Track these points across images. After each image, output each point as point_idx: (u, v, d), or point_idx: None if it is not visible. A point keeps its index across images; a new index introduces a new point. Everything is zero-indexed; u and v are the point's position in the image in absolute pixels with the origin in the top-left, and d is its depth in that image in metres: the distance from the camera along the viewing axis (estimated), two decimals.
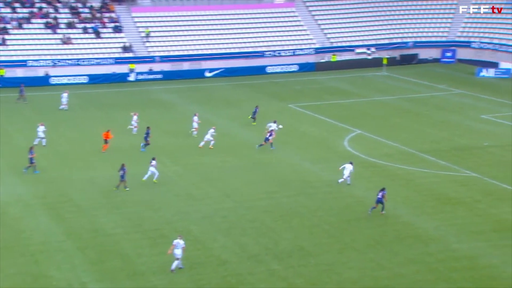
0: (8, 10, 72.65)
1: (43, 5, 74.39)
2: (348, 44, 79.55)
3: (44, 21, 72.09)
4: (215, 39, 76.82)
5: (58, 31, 71.74)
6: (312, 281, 26.20)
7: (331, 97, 61.87)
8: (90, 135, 46.84)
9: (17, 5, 73.37)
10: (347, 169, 36.73)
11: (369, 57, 78.27)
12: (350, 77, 72.21)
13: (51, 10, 73.93)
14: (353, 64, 76.83)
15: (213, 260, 27.81)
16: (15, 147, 43.72)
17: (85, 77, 67.68)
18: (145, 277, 26.42)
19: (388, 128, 49.52)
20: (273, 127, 45.08)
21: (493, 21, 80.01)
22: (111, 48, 72.12)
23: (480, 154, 42.52)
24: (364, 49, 78.93)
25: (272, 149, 43.14)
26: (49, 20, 72.33)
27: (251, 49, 76.66)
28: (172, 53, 73.92)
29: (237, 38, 77.88)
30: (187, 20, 78.47)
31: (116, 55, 71.57)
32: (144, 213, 32.97)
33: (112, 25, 74.55)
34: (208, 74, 72.47)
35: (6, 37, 69.27)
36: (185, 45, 75.36)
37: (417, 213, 32.72)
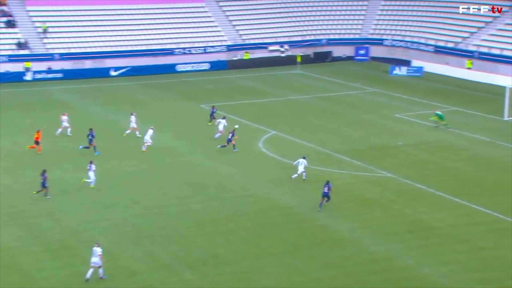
0: None
1: None
2: (261, 41, 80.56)
3: None
4: (120, 35, 75.64)
5: None
6: None
7: (244, 96, 62.41)
8: None
9: None
10: (302, 164, 37.81)
11: (283, 55, 79.59)
12: (264, 75, 73.12)
13: None
14: (266, 62, 77.87)
15: (122, 272, 27.40)
16: None
17: None
18: None
19: (303, 128, 50.56)
20: (222, 122, 46.06)
21: (404, 19, 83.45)
22: (4, 44, 69.42)
23: (394, 154, 44.26)
24: (277, 47, 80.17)
25: (235, 151, 43.43)
26: None
27: (159, 47, 76.07)
28: (73, 50, 72.10)
29: (145, 34, 77.03)
30: (89, 15, 76.75)
31: (10, 52, 69.02)
32: (45, 223, 32.01)
33: (5, 19, 71.75)
34: (113, 73, 71.27)
35: None
36: (87, 41, 73.69)
37: (334, 216, 33.62)
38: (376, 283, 26.91)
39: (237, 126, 46.35)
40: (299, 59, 76.77)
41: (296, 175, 38.27)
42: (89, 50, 72.70)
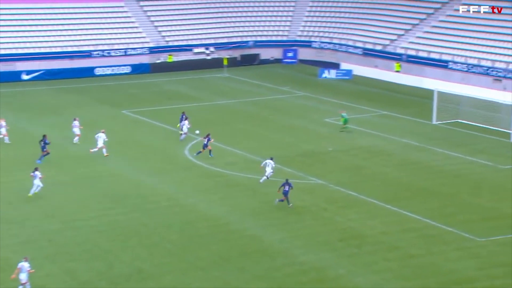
0: None
1: None
2: (185, 43, 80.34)
3: None
4: (32, 36, 73.76)
5: None
6: None
7: (169, 101, 62.01)
8: None
9: None
10: (269, 165, 38.40)
11: (208, 57, 79.65)
12: (189, 79, 72.93)
13: None
14: (191, 65, 77.76)
15: None
16: None
17: None
18: None
19: (231, 134, 50.71)
20: (185, 124, 47.48)
21: (332, 20, 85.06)
22: None
23: (325, 160, 45.01)
24: (202, 49, 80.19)
25: (211, 156, 43.57)
26: None
27: (76, 49, 74.67)
28: None
29: (59, 35, 75.40)
30: None
31: None
32: None
33: None
34: (25, 76, 69.60)
35: None
36: None
37: (263, 225, 33.84)
38: None
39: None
40: (225, 62, 77.02)
41: (265, 177, 38.86)
42: None
